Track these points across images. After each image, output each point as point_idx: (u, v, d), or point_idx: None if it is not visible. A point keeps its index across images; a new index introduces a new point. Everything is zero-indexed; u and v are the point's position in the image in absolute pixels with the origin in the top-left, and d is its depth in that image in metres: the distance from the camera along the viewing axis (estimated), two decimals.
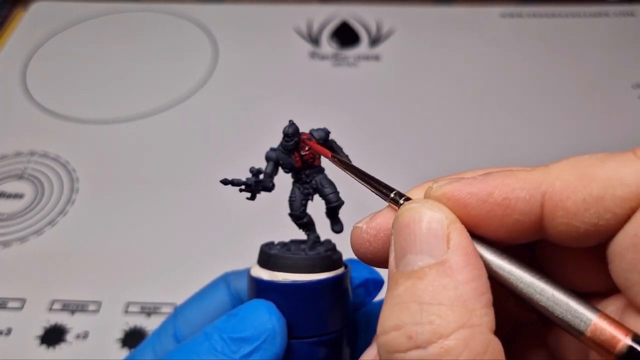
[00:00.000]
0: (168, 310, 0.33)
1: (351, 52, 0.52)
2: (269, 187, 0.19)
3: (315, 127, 0.20)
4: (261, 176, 0.19)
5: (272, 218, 0.38)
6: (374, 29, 0.54)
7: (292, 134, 0.19)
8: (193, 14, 0.56)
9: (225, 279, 0.22)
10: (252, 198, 0.19)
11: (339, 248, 0.20)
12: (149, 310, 0.33)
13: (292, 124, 0.19)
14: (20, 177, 0.41)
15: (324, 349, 0.18)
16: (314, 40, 0.53)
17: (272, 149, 0.19)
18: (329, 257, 0.19)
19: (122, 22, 0.56)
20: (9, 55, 0.52)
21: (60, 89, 0.49)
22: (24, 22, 0.56)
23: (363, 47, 0.52)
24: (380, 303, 0.22)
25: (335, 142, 0.20)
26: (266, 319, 0.17)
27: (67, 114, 0.46)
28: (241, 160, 0.42)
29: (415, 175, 0.41)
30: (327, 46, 0.52)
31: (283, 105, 0.47)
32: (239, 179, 0.19)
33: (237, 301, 0.22)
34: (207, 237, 0.37)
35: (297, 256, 0.18)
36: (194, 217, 0.38)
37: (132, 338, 0.32)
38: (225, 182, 0.19)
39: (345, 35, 0.53)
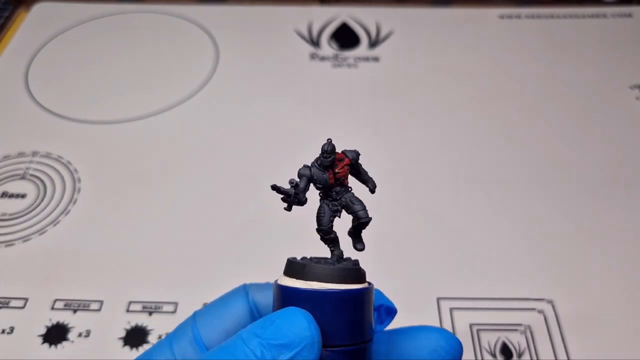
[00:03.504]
0: (170, 309, 0.33)
1: (351, 54, 0.52)
2: (302, 202, 0.20)
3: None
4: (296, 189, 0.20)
5: (271, 222, 0.38)
6: (373, 31, 0.54)
7: (330, 152, 0.19)
8: (194, 16, 0.56)
9: (244, 289, 0.23)
10: (289, 209, 0.20)
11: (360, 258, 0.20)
12: (150, 309, 0.33)
13: (330, 142, 0.20)
14: (22, 177, 0.41)
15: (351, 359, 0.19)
16: (314, 42, 0.53)
17: (305, 166, 0.20)
18: (358, 270, 0.19)
19: (123, 23, 0.56)
20: (12, 55, 0.52)
21: (62, 89, 0.49)
22: (26, 23, 0.56)
23: (363, 49, 0.53)
24: (391, 332, 0.22)
25: (361, 165, 0.21)
26: (305, 326, 0.17)
27: (70, 115, 0.46)
28: (242, 161, 0.43)
29: (415, 175, 0.41)
30: (327, 47, 0.53)
31: (283, 106, 0.47)
32: (286, 189, 0.20)
33: (254, 311, 0.22)
34: (209, 237, 0.37)
35: (331, 267, 0.19)
36: (195, 217, 0.38)
37: (134, 337, 0.32)
38: (274, 187, 0.19)
39: (345, 37, 0.54)
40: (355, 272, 0.19)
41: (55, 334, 0.32)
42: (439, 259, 0.36)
